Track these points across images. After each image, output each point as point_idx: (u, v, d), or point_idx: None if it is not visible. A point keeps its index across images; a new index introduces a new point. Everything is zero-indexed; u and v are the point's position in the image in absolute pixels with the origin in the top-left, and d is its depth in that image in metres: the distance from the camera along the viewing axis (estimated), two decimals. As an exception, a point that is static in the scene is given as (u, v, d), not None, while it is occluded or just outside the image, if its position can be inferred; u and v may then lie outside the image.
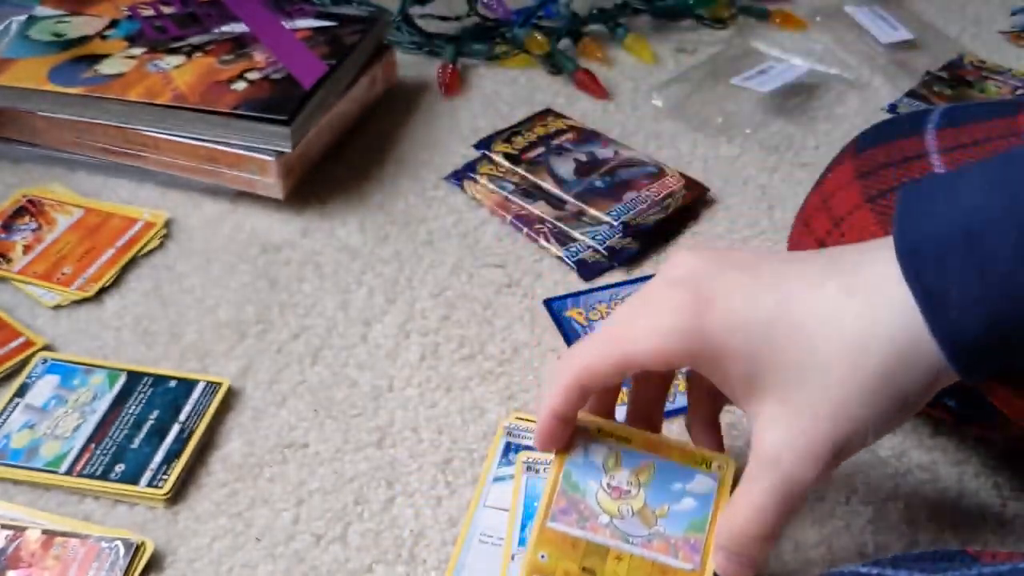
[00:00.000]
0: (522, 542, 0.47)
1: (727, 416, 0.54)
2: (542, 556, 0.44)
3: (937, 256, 0.36)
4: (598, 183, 0.69)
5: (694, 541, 0.44)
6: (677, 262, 0.42)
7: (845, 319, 0.38)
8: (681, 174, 0.70)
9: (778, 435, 0.39)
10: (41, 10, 0.77)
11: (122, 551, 0.47)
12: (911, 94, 0.80)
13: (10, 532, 0.47)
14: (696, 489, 0.45)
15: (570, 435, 0.44)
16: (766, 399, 0.39)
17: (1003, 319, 0.36)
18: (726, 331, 0.39)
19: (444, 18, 0.87)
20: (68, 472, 0.51)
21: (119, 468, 0.51)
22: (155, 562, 0.47)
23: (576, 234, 0.66)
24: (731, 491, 0.43)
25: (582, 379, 0.41)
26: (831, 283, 0.38)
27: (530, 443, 0.52)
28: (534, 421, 0.45)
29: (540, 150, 0.72)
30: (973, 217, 0.36)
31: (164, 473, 0.51)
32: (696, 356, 0.40)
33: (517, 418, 0.53)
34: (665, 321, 0.39)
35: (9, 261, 0.64)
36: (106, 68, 0.70)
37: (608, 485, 0.45)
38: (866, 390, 0.38)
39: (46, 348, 0.58)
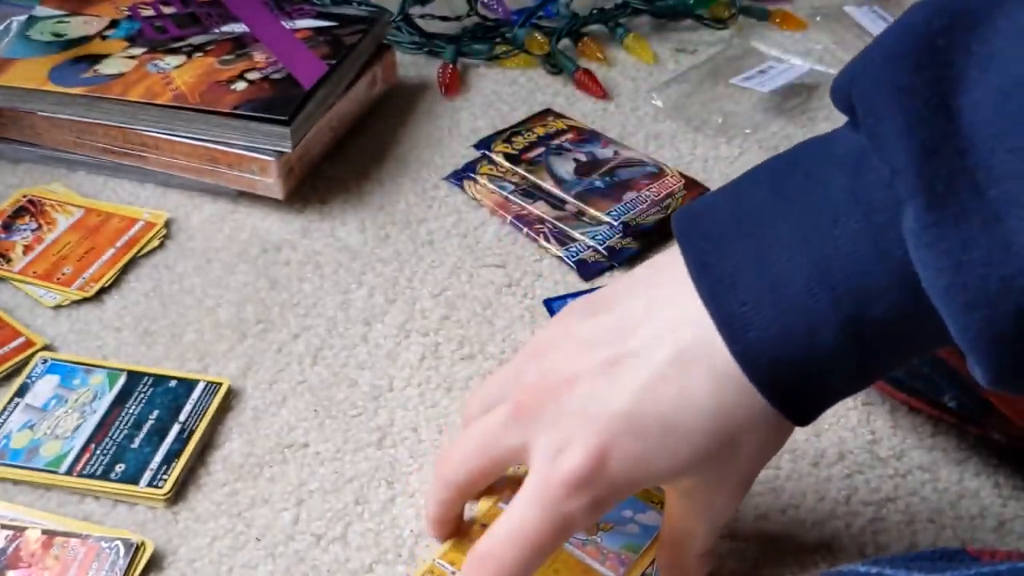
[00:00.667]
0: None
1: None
2: (483, 526, 0.46)
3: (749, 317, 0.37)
4: (598, 183, 0.69)
5: (624, 557, 0.46)
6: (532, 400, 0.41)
7: (725, 400, 0.38)
8: (681, 174, 0.70)
9: (702, 495, 0.41)
10: (41, 10, 0.77)
11: (122, 551, 0.47)
12: (911, 94, 0.80)
13: (10, 532, 0.47)
14: (644, 520, 0.47)
15: None
16: (680, 482, 0.41)
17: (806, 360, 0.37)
18: (628, 472, 0.39)
19: (444, 18, 0.87)
20: (68, 472, 0.51)
21: (119, 468, 0.51)
22: (155, 562, 0.47)
23: (576, 234, 0.66)
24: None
25: (526, 556, 0.40)
26: (691, 375, 0.38)
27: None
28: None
29: (540, 150, 0.72)
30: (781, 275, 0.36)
31: (164, 473, 0.51)
32: (617, 497, 0.41)
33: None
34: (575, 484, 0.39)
35: (9, 261, 0.64)
36: (106, 68, 0.70)
37: None
38: (752, 436, 0.39)
39: (46, 348, 0.58)
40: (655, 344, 0.38)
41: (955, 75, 0.32)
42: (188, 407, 0.54)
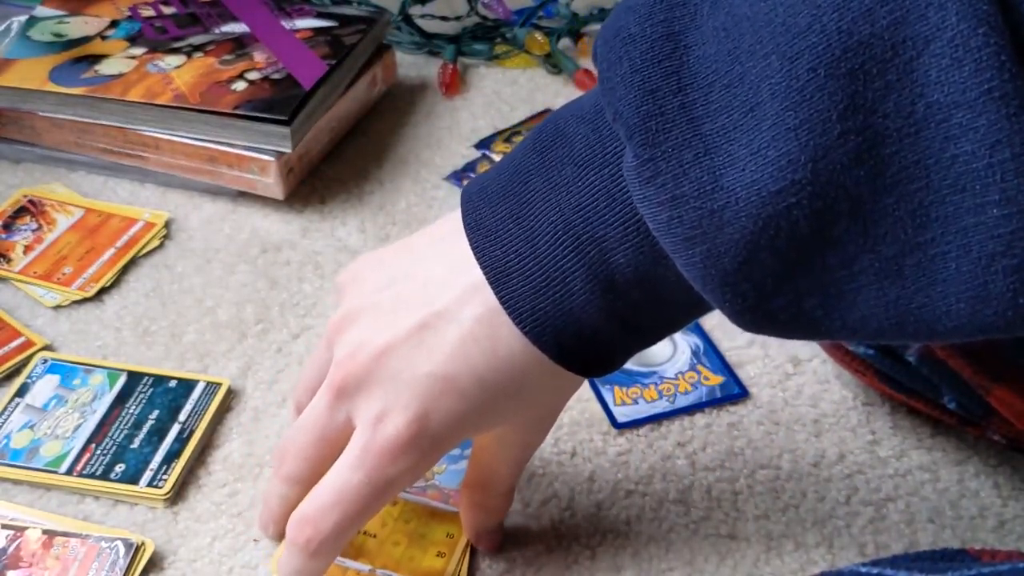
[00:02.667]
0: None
1: (727, 416, 0.54)
2: None
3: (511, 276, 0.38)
4: (598, 183, 0.69)
5: None
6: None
7: (528, 354, 0.39)
8: (681, 174, 0.70)
9: (511, 438, 0.43)
10: (42, 10, 0.77)
11: (122, 551, 0.47)
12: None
13: (10, 532, 0.47)
14: None
15: None
16: (495, 429, 0.43)
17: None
18: (452, 430, 0.40)
19: (444, 18, 0.87)
20: (68, 472, 0.51)
21: (119, 468, 0.51)
22: (155, 562, 0.47)
23: (576, 234, 0.66)
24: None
25: (348, 519, 0.41)
26: (498, 332, 0.39)
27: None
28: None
29: (540, 150, 0.72)
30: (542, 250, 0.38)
31: (164, 473, 0.51)
32: (441, 453, 0.42)
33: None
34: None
35: (9, 261, 0.64)
36: (106, 68, 0.70)
37: None
38: (556, 380, 0.40)
39: (46, 348, 0.58)
40: (461, 304, 0.39)
41: (690, 13, 0.33)
42: (188, 407, 0.54)
